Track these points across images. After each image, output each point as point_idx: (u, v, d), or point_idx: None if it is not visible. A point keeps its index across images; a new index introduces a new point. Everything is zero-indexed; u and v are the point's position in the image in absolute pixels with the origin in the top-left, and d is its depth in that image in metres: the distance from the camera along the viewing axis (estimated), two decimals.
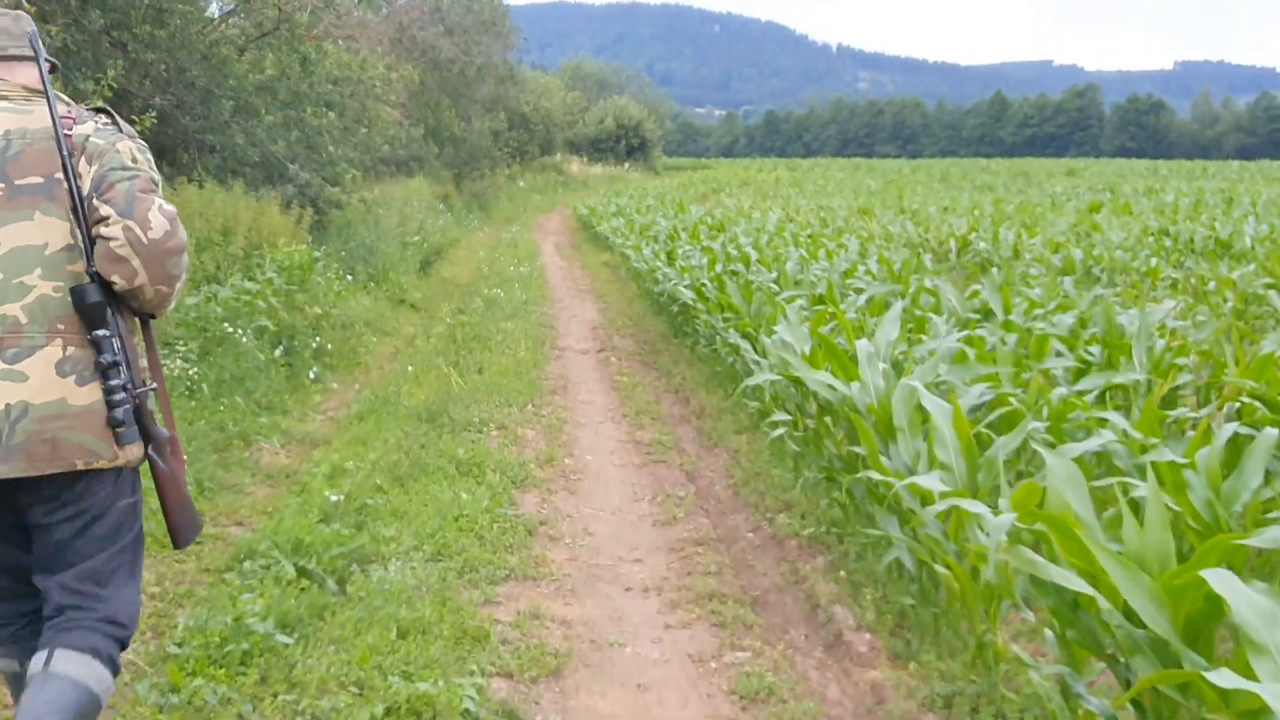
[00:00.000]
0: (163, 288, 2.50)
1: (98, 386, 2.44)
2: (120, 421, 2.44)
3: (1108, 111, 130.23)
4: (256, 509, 5.47)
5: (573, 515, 5.64)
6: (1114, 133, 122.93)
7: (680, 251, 13.24)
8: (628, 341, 11.54)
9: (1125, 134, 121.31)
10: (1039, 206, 26.49)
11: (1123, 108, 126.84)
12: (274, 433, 6.83)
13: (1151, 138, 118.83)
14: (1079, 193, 34.56)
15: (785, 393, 6.06)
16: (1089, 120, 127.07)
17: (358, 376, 9.07)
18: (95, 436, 2.44)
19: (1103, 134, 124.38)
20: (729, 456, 6.78)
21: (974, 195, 33.60)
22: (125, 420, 2.45)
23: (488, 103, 35.68)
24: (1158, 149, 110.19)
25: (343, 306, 10.13)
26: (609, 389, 9.13)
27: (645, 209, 24.75)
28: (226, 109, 13.60)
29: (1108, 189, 36.53)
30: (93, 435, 2.43)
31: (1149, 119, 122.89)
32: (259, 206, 10.89)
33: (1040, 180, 46.19)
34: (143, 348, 2.65)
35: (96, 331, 2.44)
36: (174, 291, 2.56)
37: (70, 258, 2.47)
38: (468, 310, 12.98)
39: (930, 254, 15.09)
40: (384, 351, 10.27)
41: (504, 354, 10.03)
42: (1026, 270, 12.83)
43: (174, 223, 2.48)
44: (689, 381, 9.14)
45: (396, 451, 6.40)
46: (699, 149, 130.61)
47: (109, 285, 2.46)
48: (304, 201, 13.71)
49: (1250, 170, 52.58)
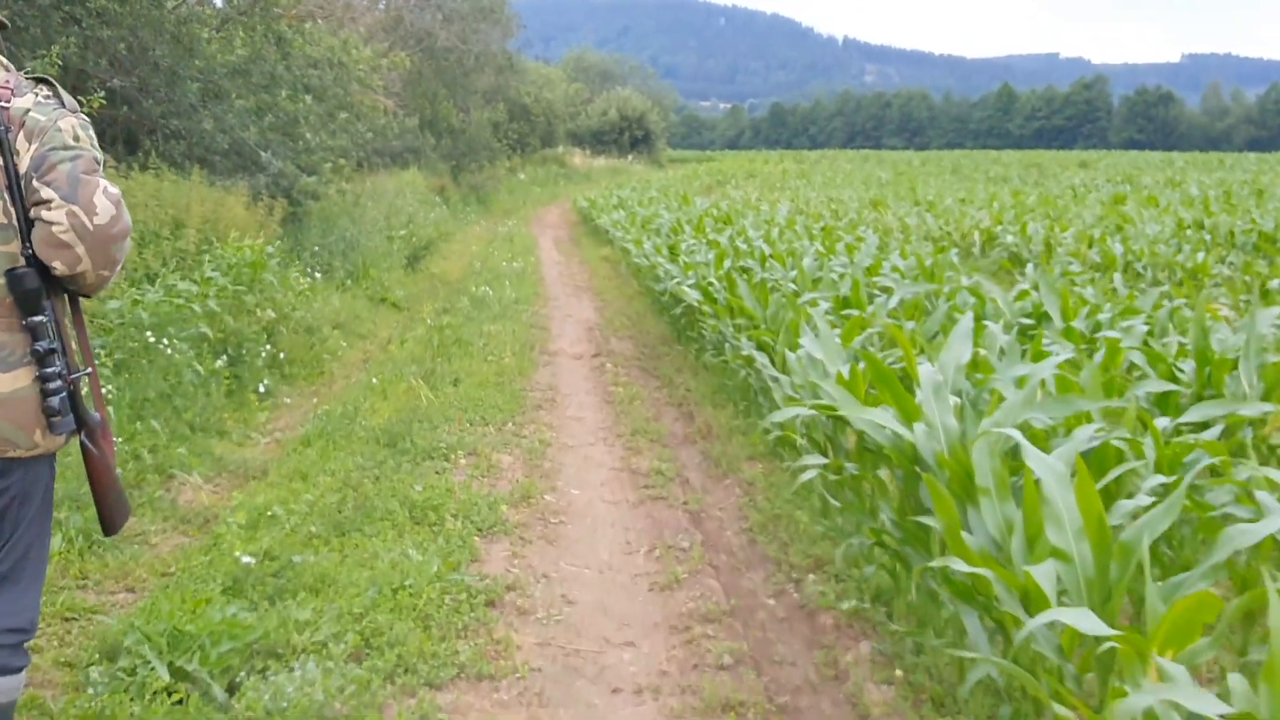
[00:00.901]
0: (104, 272, 2.40)
1: (25, 372, 2.37)
2: (56, 410, 2.38)
3: (1116, 104, 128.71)
4: (156, 569, 4.37)
5: (550, 575, 4.53)
6: (1122, 125, 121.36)
7: (684, 246, 12.14)
8: (626, 345, 10.44)
9: (1134, 126, 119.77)
10: (1060, 199, 25.31)
11: (1131, 100, 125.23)
12: (203, 462, 5.74)
13: (1160, 130, 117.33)
14: (1097, 184, 33.39)
15: (813, 421, 4.94)
16: (1097, 113, 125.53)
17: (318, 389, 7.98)
18: (14, 424, 2.36)
19: (1111, 126, 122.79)
20: (742, 491, 5.68)
21: (988, 187, 32.44)
22: (61, 409, 2.39)
23: (487, 93, 34.56)
24: (1166, 141, 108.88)
25: (306, 308, 9.02)
26: (603, 402, 8.02)
27: (648, 201, 23.61)
28: (193, 92, 12.50)
29: (1125, 181, 35.31)
30: (12, 423, 2.35)
31: (1158, 111, 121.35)
32: (217, 197, 9.78)
33: (1053, 172, 44.99)
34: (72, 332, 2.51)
35: (32, 318, 2.35)
36: (114, 275, 2.45)
37: (4, 237, 2.34)
38: (453, 310, 11.87)
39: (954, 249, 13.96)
40: (353, 358, 9.17)
41: (487, 361, 8.92)
42: (1065, 266, 11.69)
43: (119, 206, 2.35)
44: (694, 394, 8.03)
45: (341, 489, 5.30)
46: (703, 142, 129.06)
47: (46, 269, 2.34)
48: (276, 192, 12.61)
49: (1268, 162, 51.26)
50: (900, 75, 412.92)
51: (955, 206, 22.35)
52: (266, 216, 11.41)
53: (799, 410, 4.26)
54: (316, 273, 11.07)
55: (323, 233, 13.59)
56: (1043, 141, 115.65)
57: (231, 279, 7.55)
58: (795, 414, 4.33)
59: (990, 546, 2.99)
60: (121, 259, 2.44)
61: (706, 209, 19.82)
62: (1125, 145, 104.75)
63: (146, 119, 12.42)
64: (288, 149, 13.26)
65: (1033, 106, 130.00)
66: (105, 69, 11.90)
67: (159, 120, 12.36)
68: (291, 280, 8.63)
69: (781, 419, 4.46)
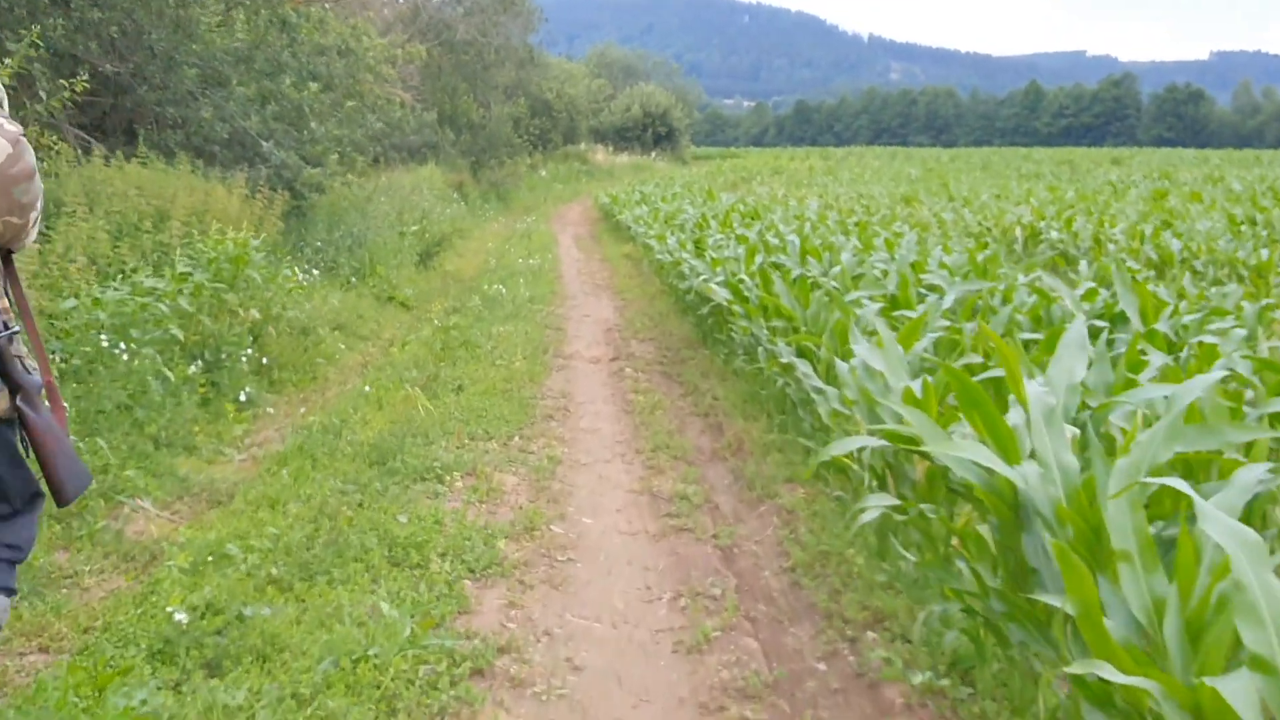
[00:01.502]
0: (12, 219, 2.19)
1: None
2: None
3: (1145, 102, 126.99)
4: (80, 622, 3.64)
5: (553, 632, 3.76)
6: (1151, 123, 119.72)
7: (710, 241, 11.36)
8: (648, 348, 9.67)
9: (1163, 124, 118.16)
10: (1099, 194, 24.36)
11: (1161, 98, 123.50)
12: (162, 484, 5.00)
13: (1190, 128, 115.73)
14: (1133, 181, 32.37)
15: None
16: (1125, 110, 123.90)
17: (308, 396, 7.24)
18: None
19: (1140, 124, 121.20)
20: (780, 520, 4.90)
21: (1021, 183, 31.48)
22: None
23: (508, 88, 33.83)
24: (1197, 139, 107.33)
25: (299, 307, 8.29)
26: (621, 411, 7.25)
27: (671, 197, 22.82)
28: (191, 78, 11.82)
29: (1162, 177, 34.24)
30: None
31: (1187, 109, 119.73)
32: (206, 187, 9.06)
33: (1085, 169, 43.89)
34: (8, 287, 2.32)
35: None
36: (28, 223, 2.25)
37: None
38: (463, 309, 11.13)
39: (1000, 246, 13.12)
40: (351, 362, 8.43)
41: (495, 365, 8.17)
42: (1121, 263, 10.82)
43: (17, 145, 2.14)
44: (721, 403, 7.25)
45: (314, 519, 4.55)
46: (727, 139, 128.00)
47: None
48: (278, 184, 11.91)
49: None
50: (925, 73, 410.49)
51: (991, 202, 21.46)
52: (265, 209, 10.71)
53: (865, 441, 3.44)
54: (315, 269, 10.34)
55: (328, 228, 12.89)
56: (1071, 139, 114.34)
57: (211, 275, 6.81)
58: (860, 444, 3.50)
59: (1133, 634, 2.21)
60: (29, 204, 2.24)
61: (732, 204, 19.02)
62: (1154, 143, 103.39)
63: (142, 107, 11.75)
64: (291, 139, 12.56)
65: (1060, 104, 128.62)
66: (96, 53, 11.23)
67: (154, 108, 11.69)
68: (280, 277, 7.88)
69: (843, 450, 3.64)
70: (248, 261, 7.06)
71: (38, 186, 2.28)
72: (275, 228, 10.86)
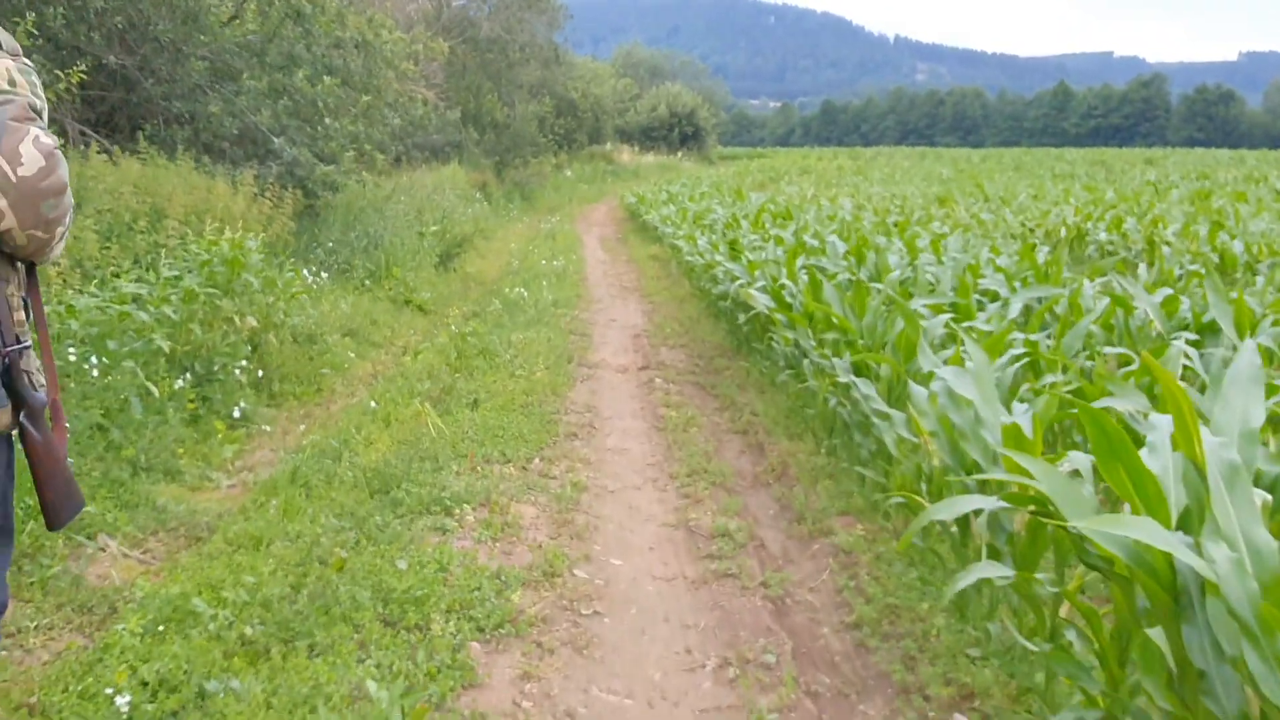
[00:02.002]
0: (38, 233, 2.12)
1: None
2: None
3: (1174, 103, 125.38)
4: (13, 697, 3.04)
5: (576, 714, 3.14)
6: (1181, 124, 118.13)
7: (744, 241, 10.72)
8: (678, 355, 9.05)
9: (1193, 125, 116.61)
10: (1140, 194, 23.55)
11: (1191, 98, 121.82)
12: (135, 517, 4.41)
13: (1221, 129, 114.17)
14: (1172, 181, 31.48)
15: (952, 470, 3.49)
16: (1155, 111, 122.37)
17: (311, 411, 6.64)
18: None
19: (1169, 125, 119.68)
20: (837, 563, 4.26)
21: (1056, 183, 30.68)
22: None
23: (533, 87, 33.26)
24: (1227, 140, 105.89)
25: (303, 313, 7.70)
26: (652, 428, 6.63)
27: (699, 196, 22.18)
28: (200, 71, 11.29)
29: (1201, 177, 33.32)
30: None
31: (1218, 110, 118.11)
32: (207, 184, 8.49)
33: (1119, 169, 42.92)
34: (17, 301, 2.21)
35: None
36: (54, 238, 2.17)
37: None
38: (483, 314, 10.54)
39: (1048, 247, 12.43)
40: (360, 372, 7.83)
41: (515, 376, 7.56)
42: (1184, 266, 10.12)
43: (50, 158, 2.06)
44: (762, 419, 6.62)
45: (301, 563, 3.94)
46: (753, 139, 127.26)
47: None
48: (290, 182, 11.35)
49: None
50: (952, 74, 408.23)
51: (1030, 203, 20.72)
52: (275, 208, 10.16)
53: (978, 502, 2.75)
54: (324, 272, 9.76)
55: (343, 228, 12.32)
56: (1099, 140, 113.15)
57: (203, 279, 6.22)
58: (974, 505, 2.81)
59: None
60: (58, 219, 2.16)
61: (763, 204, 18.37)
62: (1184, 144, 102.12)
63: (149, 101, 11.22)
64: (304, 136, 11.99)
65: (1089, 105, 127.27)
66: (100, 45, 10.71)
67: (160, 102, 11.16)
68: (281, 281, 7.28)
69: (952, 515, 2.94)
70: (244, 264, 6.46)
71: (68, 202, 2.18)
72: (285, 227, 10.30)
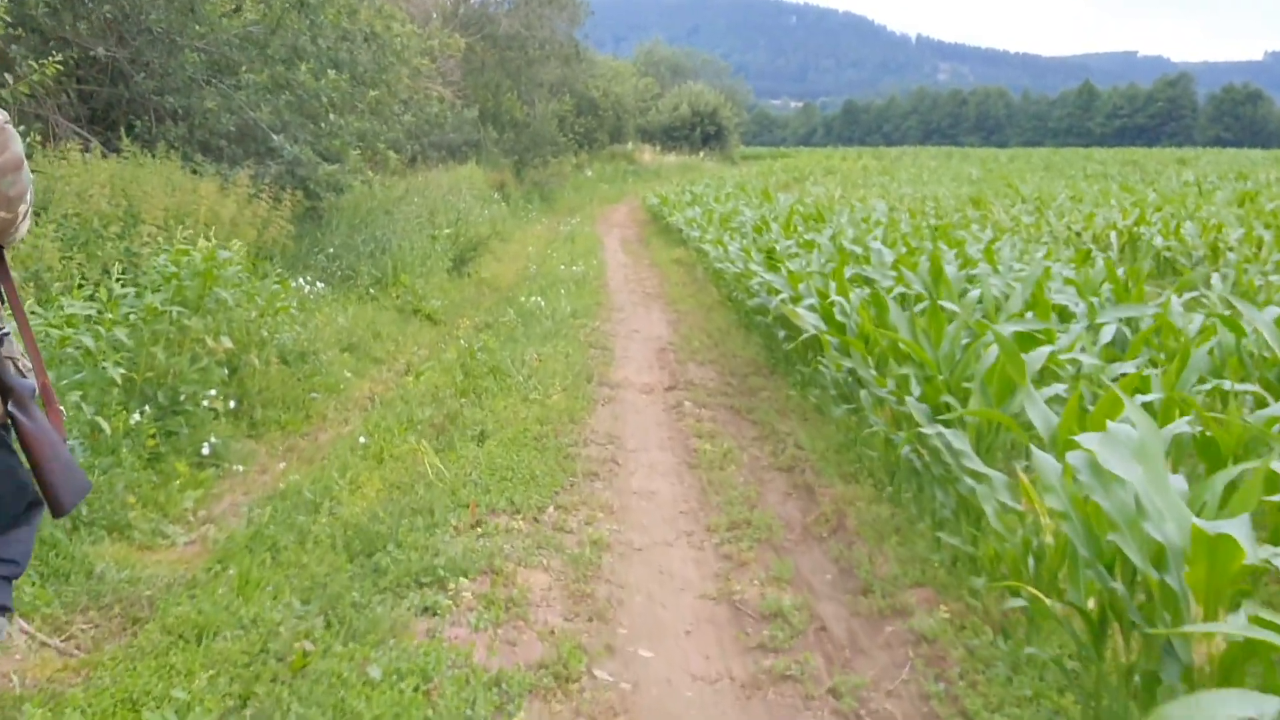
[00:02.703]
0: (1, 213, 2.11)
1: None
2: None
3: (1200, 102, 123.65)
4: None
5: None
6: (1208, 123, 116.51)
7: (780, 246, 9.89)
8: (708, 374, 8.23)
9: (1220, 124, 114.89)
10: (1184, 195, 22.55)
11: (1219, 98, 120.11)
12: (64, 590, 3.63)
13: (1248, 128, 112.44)
14: (1211, 181, 30.42)
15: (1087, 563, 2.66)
16: (1181, 111, 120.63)
17: (295, 444, 5.85)
18: None
19: (1196, 125, 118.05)
20: (921, 657, 3.44)
21: (1090, 184, 29.66)
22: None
23: (553, 85, 32.47)
24: (1255, 140, 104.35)
25: (292, 329, 6.91)
26: (683, 464, 5.82)
27: (725, 197, 21.33)
28: (195, 64, 10.54)
29: (1240, 178, 32.23)
30: None
31: (1245, 109, 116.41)
32: (191, 183, 7.72)
33: (1152, 169, 41.76)
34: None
35: None
36: (17, 216, 2.17)
37: None
38: (495, 325, 9.75)
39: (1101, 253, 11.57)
40: (357, 394, 7.04)
41: (528, 400, 6.76)
42: (1267, 277, 9.21)
43: (3, 133, 2.07)
44: (809, 453, 5.80)
45: (250, 665, 3.14)
46: (775, 139, 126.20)
47: None
48: (290, 182, 10.58)
49: None
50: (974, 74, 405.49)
51: (1069, 204, 19.79)
52: (272, 210, 9.40)
53: (1248, 705, 1.89)
54: (319, 282, 8.98)
55: (348, 231, 11.55)
56: (1125, 140, 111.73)
57: (169, 296, 5.43)
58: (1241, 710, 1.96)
59: None
60: (18, 195, 2.13)
61: (791, 205, 17.52)
62: (1211, 144, 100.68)
63: (140, 97, 10.47)
64: (307, 133, 11.22)
65: (1114, 104, 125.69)
66: (86, 35, 9.97)
67: (152, 97, 10.41)
68: (264, 294, 6.48)
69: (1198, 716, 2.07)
70: (215, 278, 5.66)
71: (26, 178, 2.16)
72: (283, 231, 9.54)
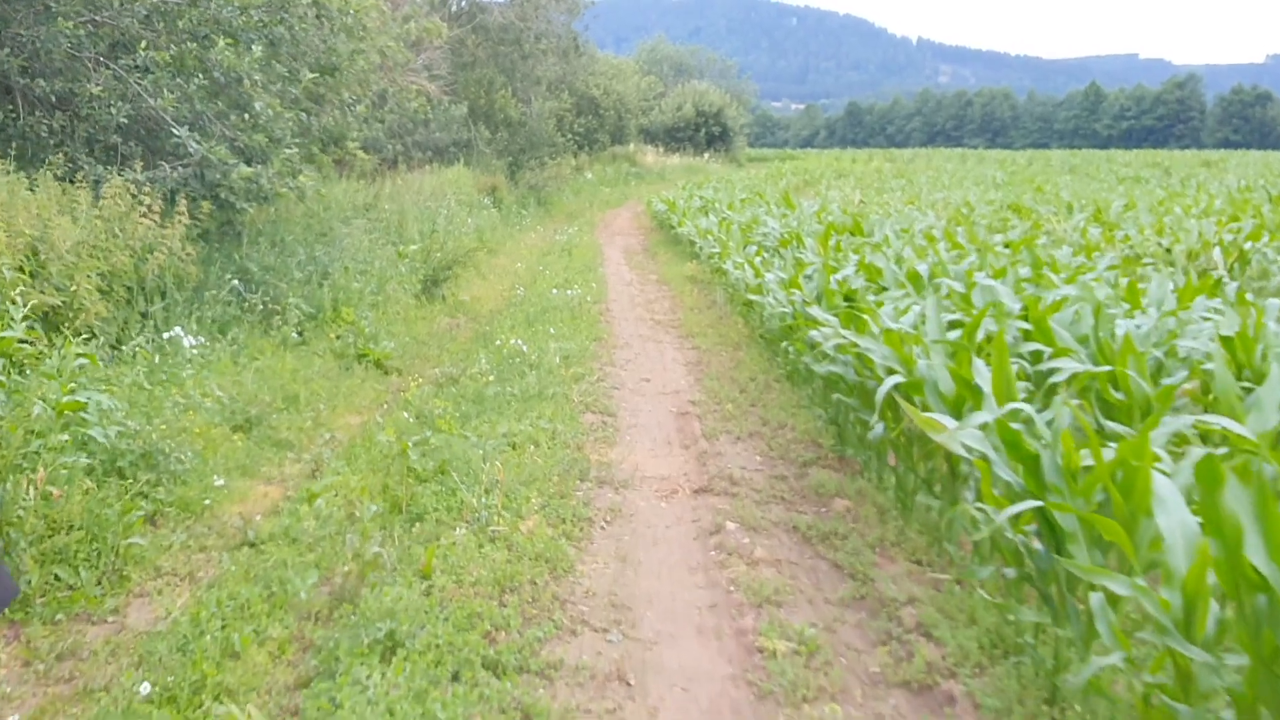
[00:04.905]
0: None
1: None
2: None
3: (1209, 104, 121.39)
4: None
5: None
6: (1216, 125, 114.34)
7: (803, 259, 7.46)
8: (751, 458, 5.81)
9: (1229, 126, 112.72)
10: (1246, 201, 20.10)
11: (1227, 100, 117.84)
12: None
13: (1256, 130, 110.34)
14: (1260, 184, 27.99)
15: None
16: (1189, 112, 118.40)
17: (78, 644, 3.42)
18: None
19: (1204, 127, 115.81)
20: None
21: (1129, 188, 27.20)
22: None
23: (550, 82, 29.97)
24: (1263, 142, 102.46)
25: (108, 423, 4.46)
26: (741, 678, 3.39)
27: (740, 204, 18.87)
28: (75, 38, 8.13)
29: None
30: None
31: (1254, 111, 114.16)
32: (25, 200, 5.28)
33: (1181, 172, 39.25)
34: None
35: None
36: None
37: None
38: (459, 383, 7.32)
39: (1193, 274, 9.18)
40: (225, 518, 4.59)
41: (483, 537, 4.32)
42: None
43: None
44: (951, 648, 3.38)
45: None
46: (778, 141, 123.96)
47: None
48: (198, 190, 8.16)
49: None
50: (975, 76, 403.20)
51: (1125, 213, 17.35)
52: (158, 230, 6.99)
53: None
54: (201, 335, 6.53)
55: (282, 251, 9.11)
56: (1132, 142, 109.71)
57: None
58: None
59: None
60: None
61: (819, 214, 15.07)
62: (1219, 145, 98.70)
63: (4, 78, 8.07)
64: (227, 125, 8.76)
65: (1121, 106, 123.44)
66: None
67: (18, 80, 8.00)
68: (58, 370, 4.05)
69: None
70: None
71: None
72: (177, 256, 7.12)
